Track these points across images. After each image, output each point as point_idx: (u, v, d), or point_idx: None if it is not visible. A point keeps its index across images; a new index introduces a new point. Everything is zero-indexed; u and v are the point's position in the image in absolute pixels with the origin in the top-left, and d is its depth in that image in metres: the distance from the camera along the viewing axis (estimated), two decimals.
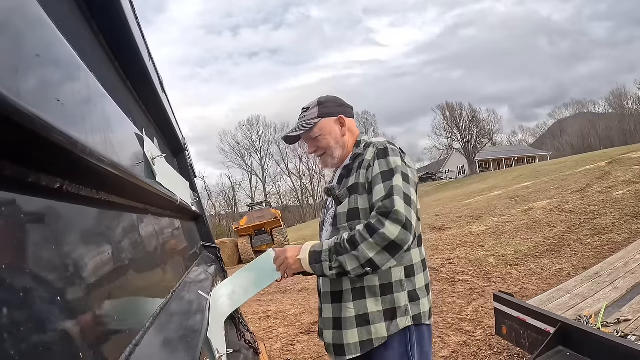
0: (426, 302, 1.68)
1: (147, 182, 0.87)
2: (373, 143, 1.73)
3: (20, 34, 0.36)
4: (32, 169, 0.42)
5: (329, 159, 1.86)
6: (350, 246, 1.50)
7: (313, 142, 1.84)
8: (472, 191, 23.03)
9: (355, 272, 1.51)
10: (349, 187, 1.70)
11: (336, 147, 1.83)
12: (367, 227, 1.50)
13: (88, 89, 0.57)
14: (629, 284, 3.39)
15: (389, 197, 1.53)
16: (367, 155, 1.69)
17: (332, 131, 1.82)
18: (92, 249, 0.57)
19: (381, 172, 1.61)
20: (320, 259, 1.55)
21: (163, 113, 1.66)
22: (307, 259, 1.58)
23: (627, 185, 9.92)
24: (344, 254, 1.51)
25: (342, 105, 1.88)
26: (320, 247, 1.58)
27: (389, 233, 1.46)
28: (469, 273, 6.51)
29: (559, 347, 2.60)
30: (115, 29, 1.00)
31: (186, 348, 0.83)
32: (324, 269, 1.55)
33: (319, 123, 1.80)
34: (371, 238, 1.47)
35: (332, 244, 1.55)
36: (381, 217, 1.50)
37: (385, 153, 1.66)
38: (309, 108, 1.85)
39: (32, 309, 0.37)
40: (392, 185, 1.55)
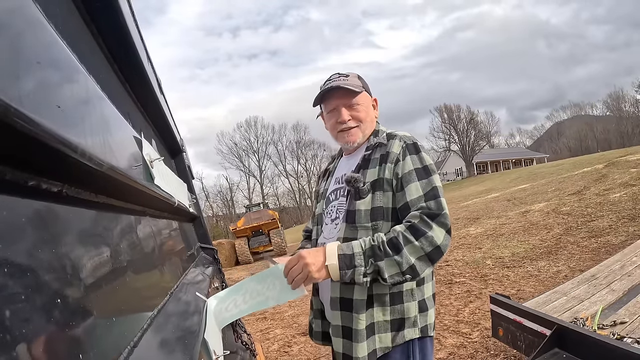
0: (432, 313, 1.56)
1: (145, 184, 0.87)
2: (399, 136, 1.57)
3: (18, 37, 0.36)
4: (31, 173, 0.43)
5: (359, 132, 1.64)
6: (392, 249, 1.33)
7: (351, 109, 1.62)
8: (470, 193, 23.06)
9: (393, 280, 1.34)
10: (373, 182, 1.52)
11: (368, 125, 1.65)
12: (412, 229, 1.35)
13: (87, 92, 0.57)
14: (625, 287, 3.40)
15: (434, 198, 1.41)
16: (393, 148, 1.53)
17: (369, 109, 1.66)
18: (91, 251, 0.57)
19: (415, 169, 1.47)
20: (353, 263, 1.34)
21: (161, 115, 1.66)
22: (337, 264, 1.34)
23: (624, 188, 9.94)
24: (384, 258, 1.33)
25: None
26: (350, 249, 1.36)
27: (436, 237, 1.34)
28: (466, 275, 6.52)
29: (555, 349, 2.61)
30: (113, 32, 1.00)
31: (183, 349, 0.83)
32: (356, 276, 1.33)
33: (363, 93, 1.62)
34: (417, 241, 1.33)
35: (366, 245, 1.36)
36: (427, 219, 1.36)
37: (416, 149, 1.52)
38: (348, 76, 1.65)
39: (30, 310, 0.38)
40: (435, 185, 1.44)
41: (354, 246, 1.36)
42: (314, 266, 1.32)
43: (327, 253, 1.35)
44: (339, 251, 1.35)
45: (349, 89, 1.58)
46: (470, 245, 8.65)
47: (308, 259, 1.32)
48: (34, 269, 0.40)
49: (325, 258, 1.34)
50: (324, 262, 1.34)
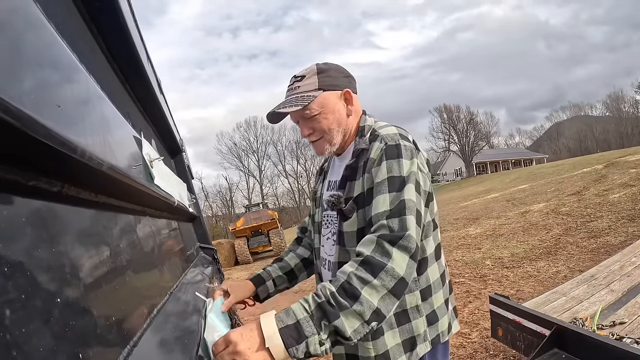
0: (445, 319, 1.40)
1: (145, 184, 0.87)
2: (381, 136, 1.32)
3: (18, 37, 0.36)
4: (31, 172, 0.43)
5: (326, 145, 1.41)
6: (347, 298, 1.06)
7: (308, 122, 1.38)
8: (469, 193, 23.06)
9: (357, 335, 1.05)
10: (356, 198, 1.33)
11: (338, 130, 1.39)
12: (365, 264, 1.10)
13: (87, 91, 0.57)
14: (624, 287, 3.40)
15: (398, 216, 1.17)
16: (372, 153, 1.30)
17: (336, 109, 1.38)
18: (91, 250, 0.57)
19: (389, 177, 1.24)
20: (303, 334, 1.02)
21: (161, 115, 1.66)
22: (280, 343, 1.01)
23: (623, 188, 9.94)
24: (339, 314, 1.04)
25: (348, 77, 1.44)
26: (291, 317, 1.04)
27: (397, 267, 1.10)
28: (466, 275, 6.52)
29: (555, 349, 2.60)
30: (113, 32, 1.00)
31: (183, 349, 0.83)
32: (309, 347, 1.02)
33: (318, 97, 1.34)
34: (375, 279, 1.08)
35: (312, 306, 1.06)
36: (387, 245, 1.12)
37: (396, 152, 1.27)
38: (304, 77, 1.38)
39: (30, 309, 0.38)
40: (403, 199, 1.20)
41: (296, 312, 1.05)
42: (249, 352, 0.99)
43: (264, 330, 1.02)
44: (279, 324, 1.03)
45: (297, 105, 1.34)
46: (469, 245, 8.65)
47: (240, 344, 1.00)
48: (33, 269, 0.40)
49: (264, 338, 1.01)
50: (263, 344, 1.01)
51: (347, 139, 1.44)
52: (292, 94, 1.38)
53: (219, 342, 1.02)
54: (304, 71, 1.41)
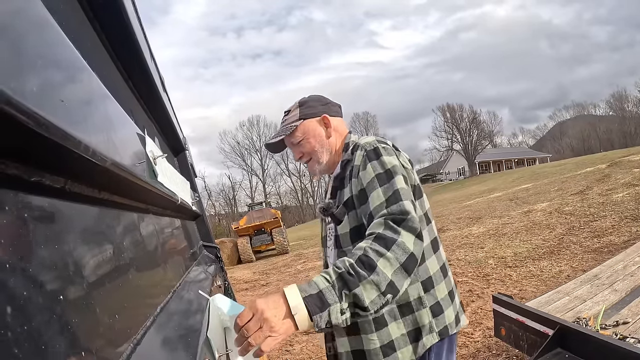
0: (451, 311, 1.46)
1: (149, 181, 0.87)
2: (360, 145, 1.48)
3: (22, 33, 0.36)
4: (34, 168, 0.43)
5: (315, 165, 1.61)
6: (365, 269, 1.12)
7: (297, 147, 1.61)
8: (472, 193, 23.03)
9: (374, 306, 1.12)
10: (345, 202, 1.47)
11: (322, 150, 1.59)
12: (378, 239, 1.18)
13: (91, 89, 0.57)
14: (628, 287, 3.39)
15: (395, 203, 1.27)
16: (355, 161, 1.45)
17: (316, 133, 1.58)
18: (94, 248, 0.57)
19: (376, 175, 1.35)
20: (326, 302, 1.08)
21: (164, 113, 1.66)
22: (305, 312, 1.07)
23: (627, 188, 9.91)
24: (359, 283, 1.10)
25: (326, 104, 1.64)
26: (313, 287, 1.11)
27: (408, 243, 1.17)
28: (468, 274, 6.51)
29: (558, 349, 2.60)
30: (117, 29, 1.00)
31: (186, 347, 0.83)
32: (333, 316, 1.08)
33: (300, 125, 1.57)
34: (389, 251, 1.15)
35: (333, 276, 1.12)
36: (393, 224, 1.21)
37: (376, 153, 1.41)
38: (290, 110, 1.63)
39: (33, 307, 0.37)
40: (396, 188, 1.30)
41: (318, 282, 1.12)
42: (276, 319, 1.05)
43: (289, 300, 1.08)
44: (303, 293, 1.09)
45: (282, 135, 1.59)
46: (472, 244, 8.64)
47: (267, 311, 1.04)
48: (36, 266, 0.40)
49: (289, 307, 1.07)
50: (289, 312, 1.06)
51: (334, 157, 1.62)
52: (281, 126, 1.64)
53: (244, 312, 1.06)
54: (291, 106, 1.65)
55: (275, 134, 1.64)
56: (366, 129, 71.47)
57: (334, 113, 1.65)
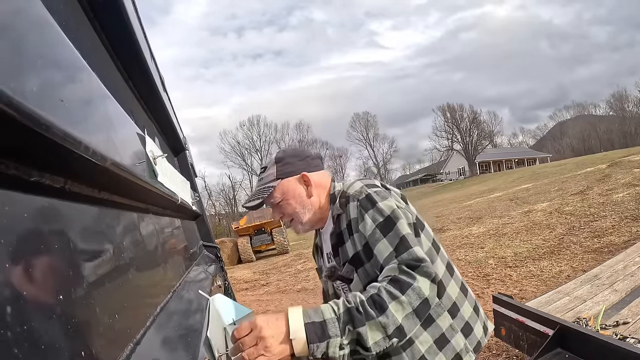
0: (479, 325, 1.44)
1: (149, 181, 0.87)
2: (350, 195, 1.41)
3: (22, 33, 0.36)
4: (34, 168, 0.43)
5: (298, 225, 1.52)
6: (375, 309, 1.09)
7: (276, 208, 1.51)
8: (472, 192, 23.03)
9: (377, 347, 1.09)
10: (351, 260, 1.39)
11: (303, 211, 1.49)
12: (394, 282, 1.15)
13: (91, 89, 0.57)
14: (628, 287, 3.39)
15: (406, 250, 1.22)
16: (351, 214, 1.39)
17: (296, 194, 1.48)
18: (94, 248, 0.57)
19: (377, 225, 1.30)
20: (327, 333, 1.06)
21: (164, 112, 1.67)
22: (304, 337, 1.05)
23: (627, 188, 9.91)
24: (365, 322, 1.07)
25: (304, 159, 1.53)
26: (319, 315, 1.08)
27: (423, 288, 1.13)
28: (469, 274, 6.51)
29: (558, 349, 2.60)
30: (117, 29, 1.00)
31: (186, 347, 0.83)
32: (330, 349, 1.05)
33: (277, 186, 1.46)
34: (403, 295, 1.11)
35: (341, 309, 1.09)
36: (408, 269, 1.17)
37: (370, 201, 1.35)
38: (266, 167, 1.51)
39: (33, 307, 0.38)
40: (402, 235, 1.25)
41: (324, 311, 1.09)
42: (273, 340, 1.03)
43: (290, 322, 1.06)
44: (306, 319, 1.07)
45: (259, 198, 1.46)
46: (472, 244, 8.64)
47: (266, 330, 1.03)
48: (36, 265, 0.40)
49: (289, 329, 1.05)
50: (287, 335, 1.05)
51: (321, 212, 1.52)
52: (258, 185, 1.52)
53: (244, 326, 1.05)
54: (267, 162, 1.54)
55: (252, 195, 1.51)
56: (366, 129, 71.67)
57: (314, 167, 1.53)
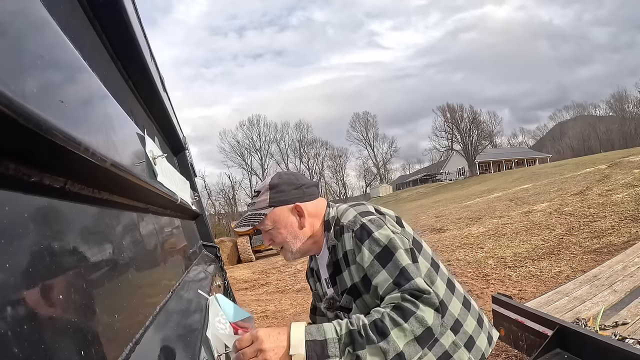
0: (483, 337, 1.44)
1: (148, 181, 0.87)
2: (345, 226, 1.39)
3: (22, 33, 0.36)
4: (34, 168, 0.43)
5: (288, 254, 1.49)
6: (377, 334, 1.10)
7: (267, 234, 1.48)
8: (472, 193, 23.03)
9: None
10: (349, 291, 1.39)
11: (294, 242, 1.46)
12: (397, 309, 1.15)
13: (91, 89, 0.57)
14: (627, 288, 3.39)
15: (407, 282, 1.22)
16: (346, 246, 1.37)
17: (287, 223, 1.45)
18: (93, 247, 0.57)
19: (375, 256, 1.29)
20: (326, 353, 1.08)
21: (164, 112, 1.67)
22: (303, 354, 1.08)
23: (626, 189, 9.91)
24: (365, 346, 1.09)
25: (299, 187, 1.48)
26: (321, 333, 1.11)
27: (426, 317, 1.14)
28: (468, 275, 6.51)
29: (557, 349, 2.60)
30: (117, 29, 1.00)
31: (185, 347, 0.83)
32: None
33: (269, 214, 1.43)
34: (406, 322, 1.12)
35: (343, 330, 1.12)
36: (412, 299, 1.17)
37: (365, 232, 1.33)
38: (260, 192, 1.47)
39: (33, 306, 0.38)
40: (402, 266, 1.24)
41: (326, 330, 1.12)
42: (272, 353, 1.06)
43: (292, 337, 1.09)
44: (307, 336, 1.10)
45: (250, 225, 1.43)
46: (472, 244, 8.64)
47: (266, 343, 1.07)
48: (36, 265, 0.40)
49: (290, 345, 1.08)
50: (287, 350, 1.08)
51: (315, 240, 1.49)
52: (249, 210, 1.48)
53: (245, 337, 1.08)
54: (260, 186, 1.49)
55: (243, 218, 1.48)
56: (366, 129, 71.72)
57: (309, 196, 1.50)
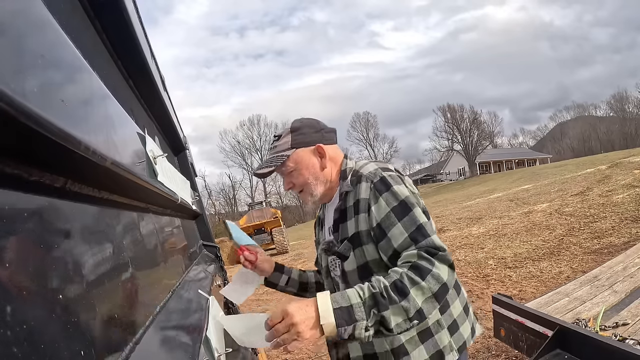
0: (467, 325, 1.47)
1: (149, 181, 0.87)
2: (364, 175, 1.41)
3: (23, 32, 0.36)
4: (34, 167, 0.43)
5: (308, 197, 1.52)
6: (398, 294, 1.15)
7: (287, 177, 1.50)
8: (473, 193, 23.03)
9: (399, 329, 1.16)
10: (350, 239, 1.41)
11: (315, 183, 1.49)
12: (415, 268, 1.19)
13: (91, 88, 0.57)
14: (627, 288, 3.39)
15: (424, 238, 1.26)
16: (361, 194, 1.38)
17: (310, 164, 1.47)
18: (93, 247, 0.57)
19: (392, 209, 1.31)
20: (353, 317, 1.12)
21: (164, 112, 1.67)
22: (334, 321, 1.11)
23: (627, 189, 9.90)
24: (389, 306, 1.14)
25: (320, 130, 1.52)
26: (346, 300, 1.14)
27: (442, 273, 1.19)
28: (468, 275, 6.51)
29: (557, 350, 2.60)
30: (117, 29, 1.00)
31: (186, 347, 0.83)
32: (356, 331, 1.12)
33: (292, 155, 1.46)
34: (423, 281, 1.16)
35: (366, 294, 1.15)
36: (427, 255, 1.21)
37: (385, 184, 1.35)
38: (281, 136, 1.50)
39: (33, 306, 0.38)
40: (419, 223, 1.29)
41: (351, 296, 1.15)
42: (304, 325, 1.10)
43: (320, 308, 1.12)
44: (334, 304, 1.13)
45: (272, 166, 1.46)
46: (472, 245, 8.64)
47: (297, 316, 1.09)
48: (35, 265, 0.40)
49: (319, 314, 1.12)
50: (318, 320, 1.11)
51: (330, 186, 1.52)
52: (270, 154, 1.51)
53: (276, 314, 1.12)
54: (282, 130, 1.52)
55: (264, 162, 1.51)
56: (366, 129, 71.56)
57: (328, 140, 1.53)
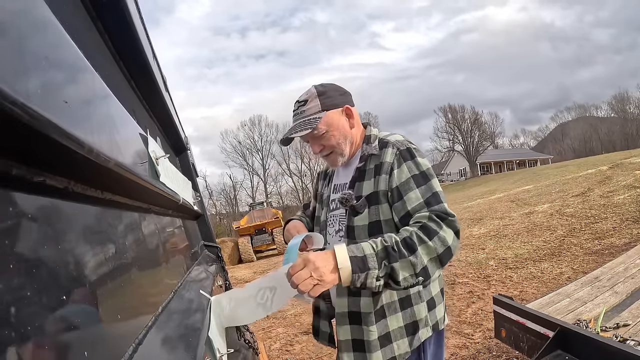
0: (441, 307, 1.57)
1: (151, 181, 0.87)
2: (391, 142, 1.51)
3: (26, 33, 0.36)
4: (37, 168, 0.43)
5: (338, 157, 1.59)
6: (407, 249, 1.25)
7: (317, 140, 1.55)
8: (474, 194, 23.02)
9: (406, 283, 1.26)
10: (368, 196, 1.49)
11: (345, 143, 1.56)
12: (424, 229, 1.29)
13: (94, 89, 0.57)
14: (628, 289, 3.39)
15: (437, 203, 1.37)
16: (386, 157, 1.48)
17: (340, 125, 1.54)
18: (96, 248, 0.57)
19: (412, 175, 1.42)
20: (367, 265, 1.23)
21: (166, 112, 1.67)
22: (349, 268, 1.22)
23: (628, 190, 9.90)
24: (398, 259, 1.24)
25: (344, 94, 1.60)
26: (360, 251, 1.25)
27: (448, 237, 1.29)
28: (469, 275, 6.51)
29: (558, 351, 2.59)
30: (119, 29, 1.00)
31: (187, 347, 0.83)
32: (368, 279, 1.23)
33: (323, 118, 1.51)
34: (430, 241, 1.27)
35: (378, 247, 1.26)
36: (438, 219, 1.32)
37: (411, 154, 1.46)
38: (307, 101, 1.54)
39: (35, 307, 0.38)
40: (436, 191, 1.40)
41: (364, 248, 1.25)
42: (325, 269, 1.19)
43: (338, 256, 1.22)
44: (350, 253, 1.24)
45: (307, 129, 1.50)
46: (473, 245, 8.64)
47: (318, 262, 1.19)
48: (38, 266, 0.40)
49: (337, 261, 1.22)
50: (336, 265, 1.21)
51: (354, 148, 1.61)
52: (299, 118, 1.55)
53: (298, 262, 1.21)
54: (305, 95, 1.57)
55: (294, 126, 1.54)
56: None
57: (352, 103, 1.61)
